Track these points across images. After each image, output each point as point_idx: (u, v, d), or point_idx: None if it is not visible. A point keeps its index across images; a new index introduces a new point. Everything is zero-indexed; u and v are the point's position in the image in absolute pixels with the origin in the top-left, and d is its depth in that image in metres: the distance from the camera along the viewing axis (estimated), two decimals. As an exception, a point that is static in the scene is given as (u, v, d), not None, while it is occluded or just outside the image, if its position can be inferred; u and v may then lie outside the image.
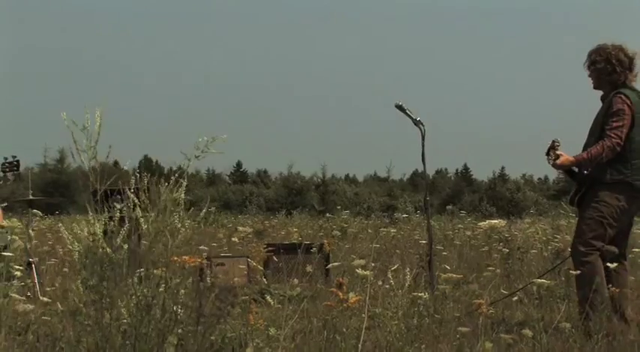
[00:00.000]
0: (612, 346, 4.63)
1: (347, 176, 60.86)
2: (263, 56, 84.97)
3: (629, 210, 5.54)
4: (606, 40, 5.63)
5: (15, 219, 8.54)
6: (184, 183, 3.20)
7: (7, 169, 7.40)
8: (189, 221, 3.21)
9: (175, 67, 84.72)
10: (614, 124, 5.38)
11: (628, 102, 5.43)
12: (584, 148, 5.64)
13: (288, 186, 51.71)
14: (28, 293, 6.24)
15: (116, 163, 16.08)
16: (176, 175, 3.18)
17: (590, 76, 5.71)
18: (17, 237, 7.65)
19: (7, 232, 7.75)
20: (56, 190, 41.88)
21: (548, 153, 5.61)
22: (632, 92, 5.54)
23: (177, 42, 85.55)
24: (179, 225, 3.12)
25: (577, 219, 5.72)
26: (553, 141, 5.61)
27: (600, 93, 5.73)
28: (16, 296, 5.23)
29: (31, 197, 8.27)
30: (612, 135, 5.35)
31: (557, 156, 5.49)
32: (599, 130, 5.51)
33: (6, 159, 7.29)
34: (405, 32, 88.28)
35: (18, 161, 7.31)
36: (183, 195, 3.17)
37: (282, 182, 55.67)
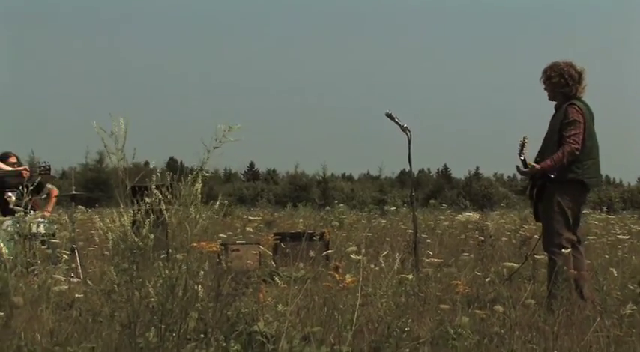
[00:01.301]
0: (571, 320, 4.63)
1: (344, 174, 60.81)
2: (276, 69, 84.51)
3: (580, 202, 5.70)
4: (557, 58, 5.70)
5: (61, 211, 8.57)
6: (199, 181, 3.19)
7: (42, 172, 7.44)
8: (205, 213, 3.20)
9: (198, 77, 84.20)
10: (572, 132, 5.44)
11: (581, 112, 5.49)
12: (540, 152, 5.71)
13: (294, 183, 51.75)
14: (72, 275, 6.24)
15: (147, 163, 16.02)
16: (194, 173, 3.18)
17: (545, 89, 5.76)
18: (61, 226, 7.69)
19: (53, 222, 7.79)
20: (96, 186, 41.90)
21: (521, 151, 5.66)
22: (582, 104, 5.60)
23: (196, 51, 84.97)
24: (197, 216, 3.12)
25: (542, 213, 5.73)
26: (523, 138, 5.69)
27: (554, 103, 5.78)
28: (61, 277, 5.25)
29: (74, 192, 8.28)
30: (571, 141, 5.40)
31: (530, 166, 5.53)
32: (556, 137, 5.54)
33: (39, 164, 7.36)
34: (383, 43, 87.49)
35: (49, 166, 7.38)
36: (200, 190, 3.17)
37: (288, 179, 55.71)
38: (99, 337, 3.74)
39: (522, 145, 5.68)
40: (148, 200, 3.27)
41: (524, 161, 5.68)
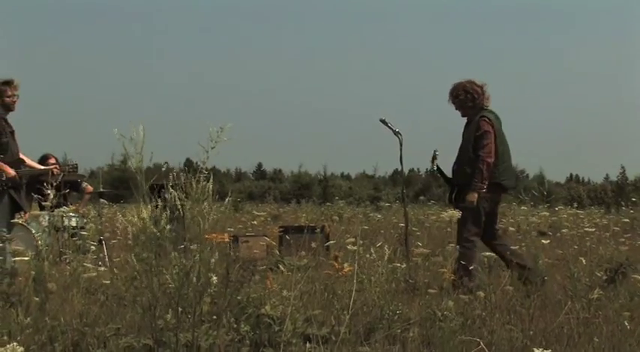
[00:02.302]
0: (544, 303, 4.63)
1: (342, 174, 60.68)
2: (281, 75, 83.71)
3: (496, 200, 5.82)
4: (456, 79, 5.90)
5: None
6: (211, 178, 3.18)
7: (70, 170, 7.42)
8: (217, 208, 3.19)
9: (213, 86, 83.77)
10: (484, 143, 5.56)
11: (491, 123, 5.59)
12: (457, 161, 5.86)
13: (297, 182, 51.65)
14: (99, 264, 6.24)
15: (166, 164, 16.00)
16: (205, 172, 3.17)
17: (456, 108, 5.88)
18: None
19: (83, 216, 7.79)
20: (121, 184, 41.79)
21: (432, 162, 6.02)
22: (491, 113, 5.71)
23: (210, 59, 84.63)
24: (209, 211, 3.11)
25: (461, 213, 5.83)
26: (434, 151, 6.00)
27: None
28: (90, 265, 5.25)
29: (101, 189, 8.30)
30: (484, 154, 5.52)
31: (470, 195, 5.62)
32: (470, 146, 5.64)
33: (68, 164, 7.32)
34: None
35: (77, 165, 7.36)
36: (211, 188, 3.16)
37: (293, 178, 55.58)
38: (123, 319, 3.75)
39: (434, 158, 5.98)
40: (165, 197, 3.27)
41: (439, 169, 6.01)
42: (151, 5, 79.30)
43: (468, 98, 5.71)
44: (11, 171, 6.42)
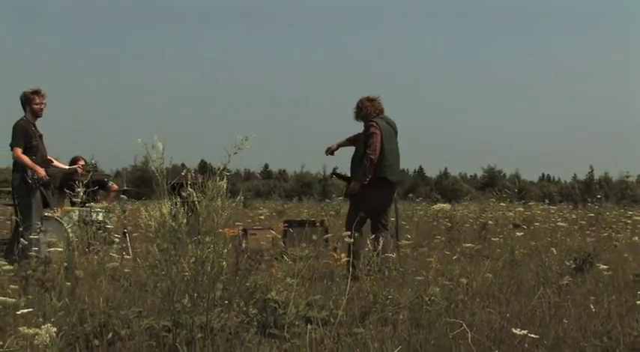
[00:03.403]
0: (519, 289, 4.62)
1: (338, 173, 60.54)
2: (286, 82, 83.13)
3: (385, 194, 6.01)
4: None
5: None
6: (225, 179, 3.17)
7: (91, 169, 7.40)
8: (229, 205, 3.18)
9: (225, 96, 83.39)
10: (370, 142, 5.88)
11: (378, 126, 5.92)
12: (353, 158, 6.13)
13: (300, 181, 51.65)
14: (123, 253, 6.23)
15: (183, 165, 15.96)
16: (219, 173, 3.16)
17: (355, 119, 6.25)
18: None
19: (109, 211, 7.78)
20: (142, 183, 41.80)
21: (332, 174, 6.82)
22: (382, 119, 6.04)
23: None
24: (222, 207, 3.10)
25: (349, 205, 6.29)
26: (334, 169, 6.85)
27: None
28: (115, 255, 5.24)
29: (125, 187, 8.29)
30: (370, 151, 5.84)
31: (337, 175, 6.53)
32: (363, 147, 5.99)
33: (89, 163, 7.32)
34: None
35: (96, 164, 7.36)
36: (225, 187, 3.15)
37: (296, 178, 55.58)
38: (144, 303, 3.74)
39: (333, 173, 6.73)
40: (183, 194, 3.26)
41: (339, 174, 6.52)
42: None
43: (359, 110, 6.18)
44: (42, 171, 6.43)
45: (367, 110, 6.15)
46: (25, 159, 6.31)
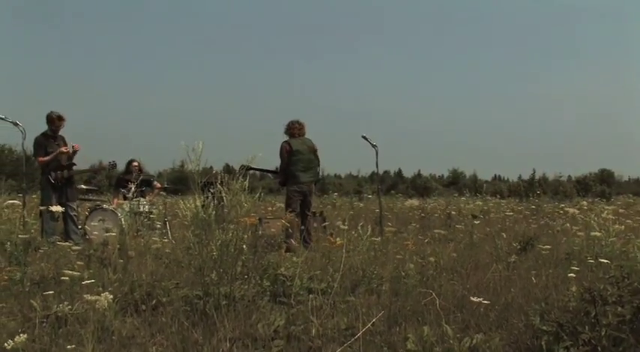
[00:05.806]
0: (477, 265, 4.59)
1: (335, 174, 60.62)
2: (290, 87, 75.37)
3: (303, 192, 6.35)
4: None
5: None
6: (247, 179, 3.15)
7: (112, 167, 7.30)
8: (249, 199, 3.16)
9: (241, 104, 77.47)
10: (281, 160, 6.42)
11: (288, 146, 6.33)
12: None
13: (304, 180, 51.38)
14: (164, 238, 6.22)
15: (211, 167, 15.90)
16: (240, 174, 3.14)
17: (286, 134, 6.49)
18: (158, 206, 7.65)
19: (153, 204, 7.77)
20: (179, 182, 41.65)
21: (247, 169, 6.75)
22: (295, 140, 6.41)
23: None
24: (244, 201, 3.08)
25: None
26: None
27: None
28: (157, 239, 5.22)
29: (165, 185, 8.27)
30: (280, 168, 6.48)
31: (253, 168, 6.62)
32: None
33: (110, 163, 7.20)
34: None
35: (115, 163, 7.28)
36: (246, 185, 3.13)
37: (301, 177, 55.35)
38: (181, 276, 3.73)
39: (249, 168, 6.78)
40: (212, 191, 3.25)
41: (254, 168, 6.49)
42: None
43: (288, 130, 6.51)
44: (64, 149, 6.53)
45: (291, 130, 6.48)
46: (46, 159, 6.49)
